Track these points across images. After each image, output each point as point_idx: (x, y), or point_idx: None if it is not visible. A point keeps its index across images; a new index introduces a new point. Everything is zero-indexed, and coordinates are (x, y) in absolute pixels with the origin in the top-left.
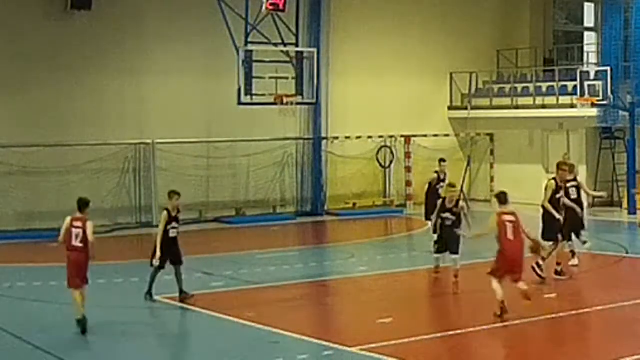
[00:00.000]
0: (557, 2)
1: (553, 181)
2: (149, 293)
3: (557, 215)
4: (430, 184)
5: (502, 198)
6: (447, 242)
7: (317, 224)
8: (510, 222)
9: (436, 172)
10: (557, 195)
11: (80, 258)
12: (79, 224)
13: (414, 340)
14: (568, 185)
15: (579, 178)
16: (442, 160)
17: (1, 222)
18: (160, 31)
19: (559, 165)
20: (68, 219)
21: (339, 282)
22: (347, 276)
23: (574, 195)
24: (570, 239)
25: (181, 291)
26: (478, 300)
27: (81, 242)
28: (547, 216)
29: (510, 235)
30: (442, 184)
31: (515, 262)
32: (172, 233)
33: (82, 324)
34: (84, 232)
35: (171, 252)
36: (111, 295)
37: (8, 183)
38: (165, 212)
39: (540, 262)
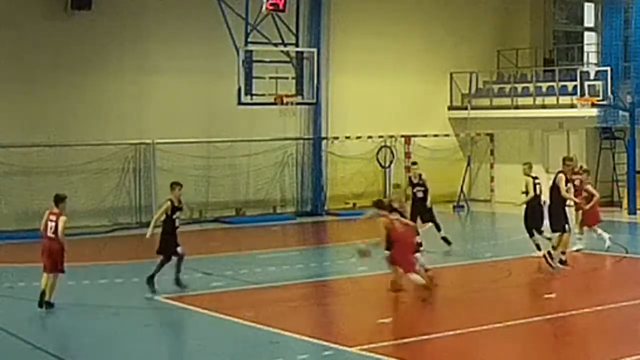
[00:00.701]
0: (557, 2)
1: (562, 174)
2: (152, 278)
3: (577, 201)
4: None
5: (380, 205)
6: None
7: (317, 224)
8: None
9: (409, 177)
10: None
11: (52, 246)
12: (53, 217)
13: (414, 340)
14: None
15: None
16: (413, 163)
17: (1, 222)
18: (160, 31)
19: (564, 160)
20: (47, 212)
21: (339, 282)
22: (347, 276)
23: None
24: (532, 235)
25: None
26: (478, 300)
27: (53, 233)
28: (553, 208)
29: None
30: (418, 187)
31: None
32: (177, 222)
33: (41, 296)
34: (56, 225)
35: (175, 242)
36: (111, 295)
37: (8, 183)
38: (168, 202)
39: (552, 251)
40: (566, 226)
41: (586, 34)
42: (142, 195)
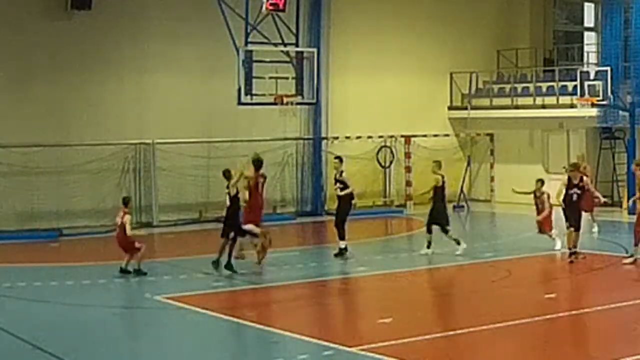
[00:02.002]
0: (557, 2)
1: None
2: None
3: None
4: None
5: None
6: None
7: (317, 224)
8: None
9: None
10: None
11: (120, 238)
12: (121, 213)
13: (414, 340)
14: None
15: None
16: (337, 158)
17: (1, 222)
18: (160, 31)
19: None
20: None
21: (339, 282)
22: (347, 276)
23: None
24: (430, 231)
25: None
26: (478, 300)
27: (120, 227)
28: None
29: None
30: (338, 184)
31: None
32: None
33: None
34: (122, 222)
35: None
36: (111, 295)
37: (8, 183)
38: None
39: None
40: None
41: (586, 34)
42: (142, 195)
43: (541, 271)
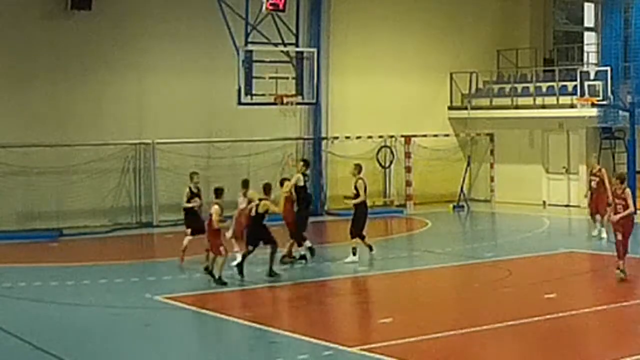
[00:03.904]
0: (557, 2)
1: None
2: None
3: None
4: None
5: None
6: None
7: (317, 224)
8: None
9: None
10: None
11: (209, 231)
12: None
13: (414, 340)
14: None
15: None
16: (357, 165)
17: (1, 222)
18: (160, 31)
19: None
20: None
21: (339, 282)
22: (347, 276)
23: None
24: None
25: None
26: (478, 300)
27: (209, 221)
28: None
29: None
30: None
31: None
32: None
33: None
34: (210, 215)
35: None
36: (111, 295)
37: (8, 183)
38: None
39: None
40: None
41: (586, 34)
42: (142, 195)
43: (541, 271)
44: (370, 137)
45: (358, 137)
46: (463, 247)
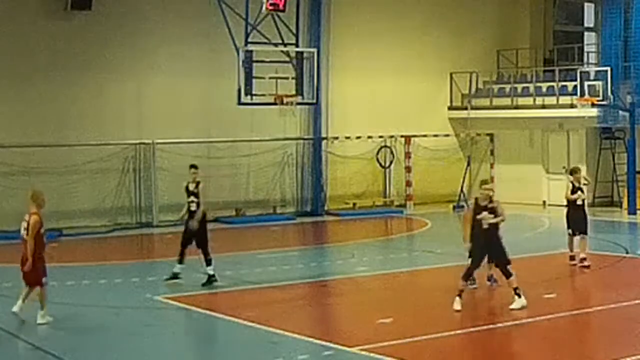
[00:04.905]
0: (557, 2)
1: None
2: None
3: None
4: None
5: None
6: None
7: (317, 224)
8: None
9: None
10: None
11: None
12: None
13: (414, 340)
14: None
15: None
16: (192, 166)
17: (1, 222)
18: (160, 31)
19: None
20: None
21: (339, 282)
22: (347, 276)
23: None
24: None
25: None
26: (478, 300)
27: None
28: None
29: None
30: (192, 197)
31: None
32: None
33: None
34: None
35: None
36: (111, 295)
37: (8, 183)
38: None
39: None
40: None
41: (586, 34)
42: (142, 195)
43: (541, 271)
44: (370, 137)
45: (358, 137)
46: (463, 247)
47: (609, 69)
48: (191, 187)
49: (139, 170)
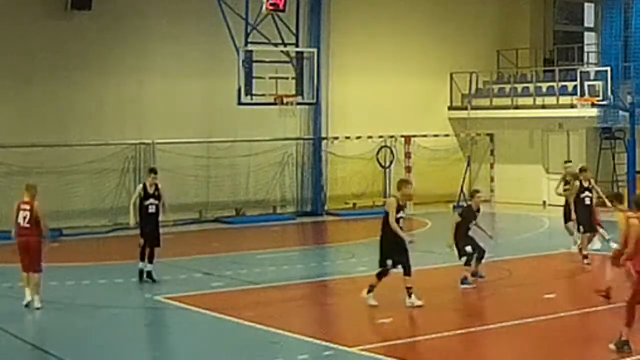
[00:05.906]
0: (557, 2)
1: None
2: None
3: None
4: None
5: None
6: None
7: (317, 224)
8: None
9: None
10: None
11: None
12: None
13: (414, 340)
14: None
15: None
16: (151, 170)
17: (1, 222)
18: (160, 31)
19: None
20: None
21: (339, 282)
22: (347, 276)
23: None
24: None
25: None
26: (478, 300)
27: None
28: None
29: None
30: (152, 199)
31: None
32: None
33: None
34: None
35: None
36: (111, 295)
37: (8, 183)
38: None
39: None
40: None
41: (586, 34)
42: None
43: (541, 271)
44: (370, 137)
45: (358, 137)
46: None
47: (609, 69)
48: (150, 190)
49: (139, 170)
